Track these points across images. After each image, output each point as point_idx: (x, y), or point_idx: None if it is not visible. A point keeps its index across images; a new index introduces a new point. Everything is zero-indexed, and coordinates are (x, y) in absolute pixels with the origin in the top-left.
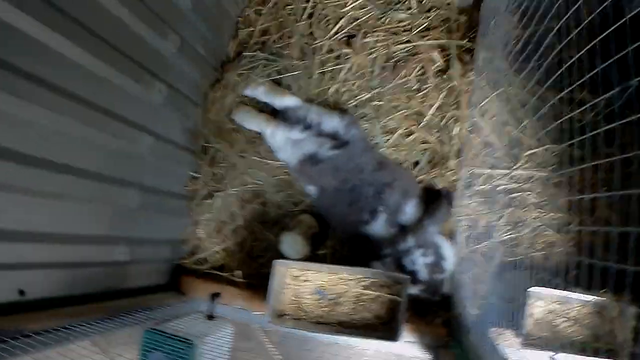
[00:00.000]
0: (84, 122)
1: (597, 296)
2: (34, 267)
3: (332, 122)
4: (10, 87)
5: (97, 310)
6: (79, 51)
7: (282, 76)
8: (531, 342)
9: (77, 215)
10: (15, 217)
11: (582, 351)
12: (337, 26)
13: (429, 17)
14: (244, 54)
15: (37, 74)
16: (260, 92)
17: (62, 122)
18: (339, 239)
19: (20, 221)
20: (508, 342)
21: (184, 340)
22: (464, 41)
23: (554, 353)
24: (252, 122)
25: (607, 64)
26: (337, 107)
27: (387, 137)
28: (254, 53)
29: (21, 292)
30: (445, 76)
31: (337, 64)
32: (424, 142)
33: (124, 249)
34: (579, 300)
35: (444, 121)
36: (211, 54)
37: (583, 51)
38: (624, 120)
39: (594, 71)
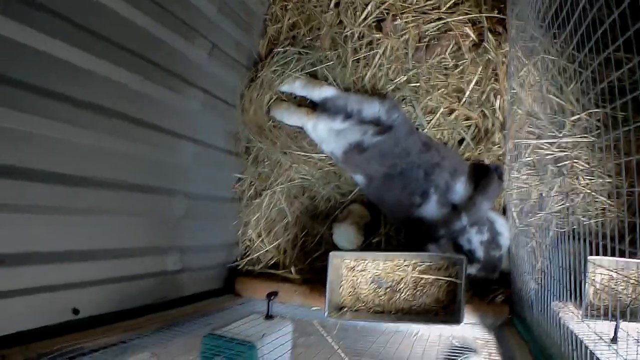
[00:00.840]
0: (124, 137)
1: None
2: (87, 285)
3: (372, 109)
4: (48, 110)
5: (153, 322)
6: (109, 66)
7: (316, 68)
8: (594, 312)
9: (125, 229)
10: (64, 237)
11: None
12: (365, 12)
13: None
14: (276, 50)
15: (73, 95)
16: (296, 86)
17: (101, 138)
18: (392, 226)
19: (69, 241)
20: (571, 315)
21: (243, 342)
22: (495, 12)
23: (617, 322)
24: (292, 117)
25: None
26: (375, 93)
27: (429, 118)
28: (286, 48)
29: (75, 311)
30: (480, 50)
31: (370, 50)
32: (466, 119)
33: (175, 258)
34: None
35: (484, 96)
36: (243, 54)
37: (619, 9)
38: None
39: (631, 31)
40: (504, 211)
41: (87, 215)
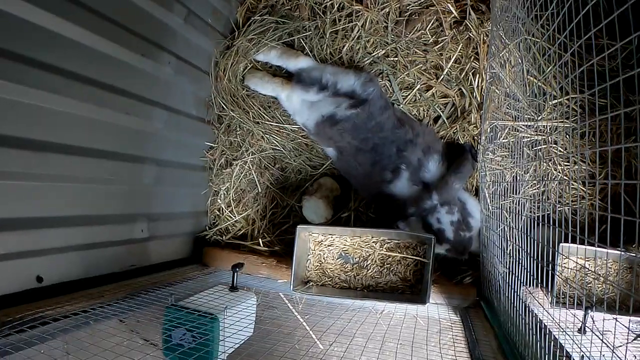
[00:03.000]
0: (94, 103)
1: (628, 251)
2: (51, 253)
3: (348, 81)
4: (14, 74)
5: (119, 290)
6: (79, 30)
7: (293, 38)
8: (562, 300)
9: (92, 196)
10: (29, 203)
11: (614, 309)
12: None
13: None
14: (253, 18)
15: (38, 58)
16: (272, 56)
17: (69, 104)
18: (361, 201)
19: (34, 207)
20: (538, 301)
21: (205, 314)
22: None
23: (586, 312)
24: (267, 86)
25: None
26: (352, 66)
27: (406, 93)
28: (264, 17)
29: (39, 279)
30: (461, 27)
31: (349, 22)
32: (443, 96)
33: (143, 226)
34: (610, 255)
35: (463, 74)
36: (219, 21)
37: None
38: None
39: (613, 16)
40: (476, 192)
41: (54, 182)
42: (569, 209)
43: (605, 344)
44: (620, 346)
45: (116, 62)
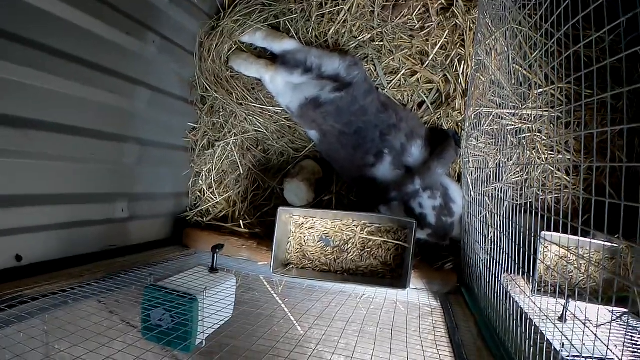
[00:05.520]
0: (76, 80)
1: (610, 241)
2: (31, 231)
3: (332, 64)
4: None
5: (98, 270)
6: (62, 6)
7: (279, 20)
8: (543, 289)
9: (72, 175)
10: (9, 181)
11: (595, 299)
12: None
13: None
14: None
15: (20, 34)
16: (257, 37)
17: (52, 81)
18: (343, 184)
19: (14, 184)
20: (520, 289)
21: (184, 295)
22: None
23: (567, 301)
24: (251, 68)
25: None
26: (337, 49)
27: (390, 78)
28: None
29: (18, 258)
30: (448, 14)
31: (335, 5)
32: (428, 82)
33: (124, 205)
34: (592, 245)
35: (448, 60)
36: (205, 2)
37: None
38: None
39: (595, 4)
40: (458, 178)
41: (35, 159)
42: (551, 197)
43: (587, 327)
44: (603, 324)
45: (100, 40)
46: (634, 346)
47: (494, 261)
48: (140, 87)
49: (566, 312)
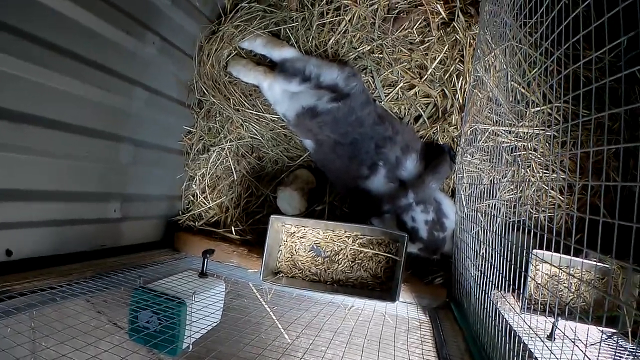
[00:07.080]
0: (74, 77)
1: (601, 262)
2: (22, 227)
3: (331, 74)
4: None
5: (88, 269)
6: (62, 1)
7: (279, 27)
8: (533, 306)
9: (66, 172)
10: (1, 175)
11: (585, 318)
12: None
13: None
14: (241, 5)
15: (18, 26)
16: (257, 44)
17: (49, 76)
18: (336, 195)
19: (5, 180)
20: (509, 306)
21: (173, 298)
22: None
23: (555, 319)
24: (249, 74)
25: (609, 15)
26: (336, 59)
27: (388, 90)
28: (252, 5)
29: (8, 253)
30: (448, 29)
31: (336, 15)
32: (425, 96)
33: (116, 206)
34: (583, 265)
35: (446, 75)
36: (207, 5)
37: (585, 3)
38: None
39: (597, 23)
40: (452, 193)
41: (29, 154)
42: (544, 216)
43: (577, 346)
44: (593, 344)
45: (99, 37)
46: None
47: (485, 277)
48: (138, 88)
49: (555, 330)
